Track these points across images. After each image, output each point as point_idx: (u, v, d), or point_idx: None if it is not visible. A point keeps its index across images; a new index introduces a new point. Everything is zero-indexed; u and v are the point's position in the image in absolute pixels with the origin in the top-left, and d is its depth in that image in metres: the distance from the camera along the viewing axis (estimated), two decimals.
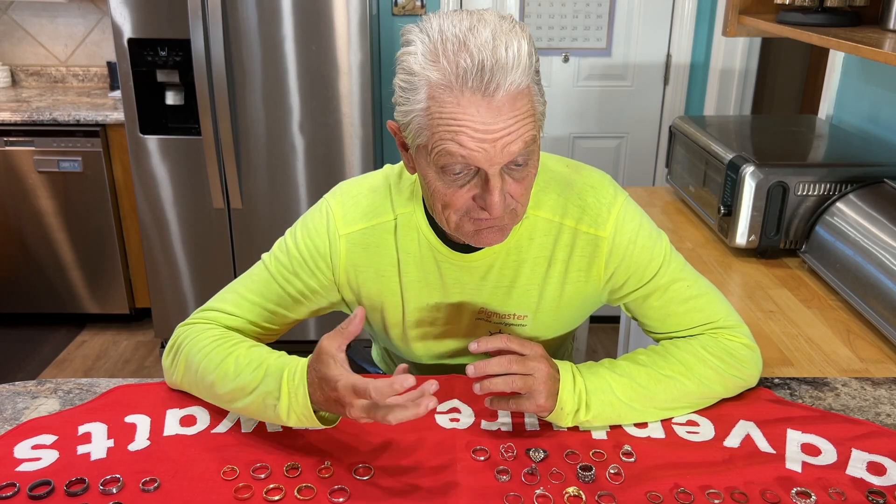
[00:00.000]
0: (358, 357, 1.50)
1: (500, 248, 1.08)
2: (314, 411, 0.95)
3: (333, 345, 0.93)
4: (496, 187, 0.90)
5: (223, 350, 1.04)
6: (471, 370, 0.94)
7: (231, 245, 2.89)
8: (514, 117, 0.88)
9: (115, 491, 0.91)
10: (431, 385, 0.87)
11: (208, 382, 1.04)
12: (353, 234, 1.09)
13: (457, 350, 1.17)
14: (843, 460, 0.98)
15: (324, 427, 0.98)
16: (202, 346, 1.06)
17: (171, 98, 2.72)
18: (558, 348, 1.22)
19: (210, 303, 1.14)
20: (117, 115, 2.87)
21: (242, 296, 1.12)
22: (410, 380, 0.85)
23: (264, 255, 1.15)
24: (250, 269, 1.15)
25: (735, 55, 3.09)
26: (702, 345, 1.09)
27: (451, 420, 1.06)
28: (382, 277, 1.11)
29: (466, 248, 1.07)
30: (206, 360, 1.04)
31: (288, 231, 1.14)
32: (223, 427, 1.04)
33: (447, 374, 1.16)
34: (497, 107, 0.87)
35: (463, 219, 0.96)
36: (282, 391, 0.96)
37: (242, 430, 1.03)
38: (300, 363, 0.98)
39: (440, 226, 1.03)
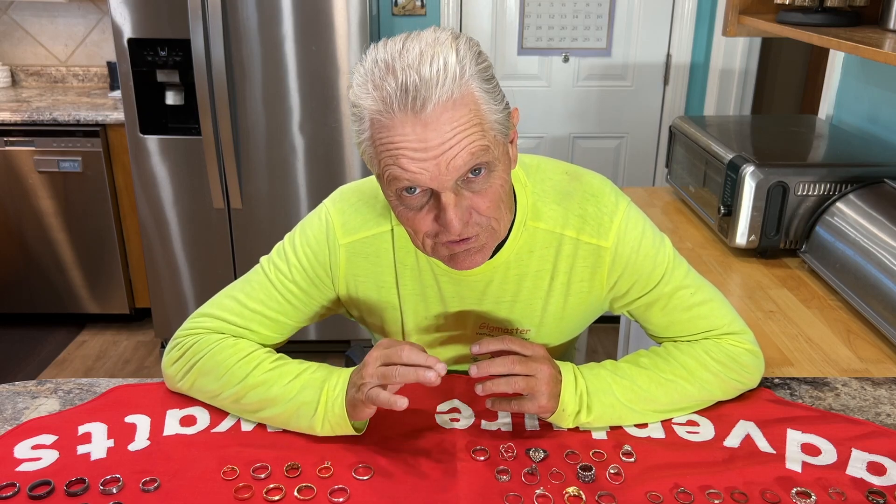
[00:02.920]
0: (358, 359, 1.50)
1: (498, 262, 1.06)
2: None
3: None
4: (449, 205, 0.88)
5: (248, 363, 1.04)
6: (473, 370, 0.94)
7: (231, 245, 2.89)
8: (452, 129, 0.85)
9: (115, 491, 0.91)
10: (442, 367, 0.91)
11: (230, 393, 1.03)
12: (353, 244, 1.08)
13: (458, 358, 1.16)
14: (843, 460, 0.98)
15: (353, 434, 1.00)
16: (222, 359, 1.04)
17: (171, 98, 2.71)
18: (561, 356, 1.20)
19: (209, 308, 1.12)
20: (117, 115, 2.87)
21: (243, 304, 1.09)
22: (441, 367, 0.91)
23: (263, 260, 1.12)
24: (248, 275, 1.13)
25: (735, 55, 3.09)
26: (704, 349, 1.08)
27: (451, 420, 1.06)
28: (381, 288, 1.10)
29: None
30: (229, 374, 1.03)
31: (287, 237, 1.12)
32: (223, 427, 1.04)
33: (447, 375, 1.16)
34: (428, 121, 0.84)
35: (437, 244, 0.95)
36: (320, 401, 0.98)
37: (242, 430, 1.03)
38: (343, 375, 0.99)
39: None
